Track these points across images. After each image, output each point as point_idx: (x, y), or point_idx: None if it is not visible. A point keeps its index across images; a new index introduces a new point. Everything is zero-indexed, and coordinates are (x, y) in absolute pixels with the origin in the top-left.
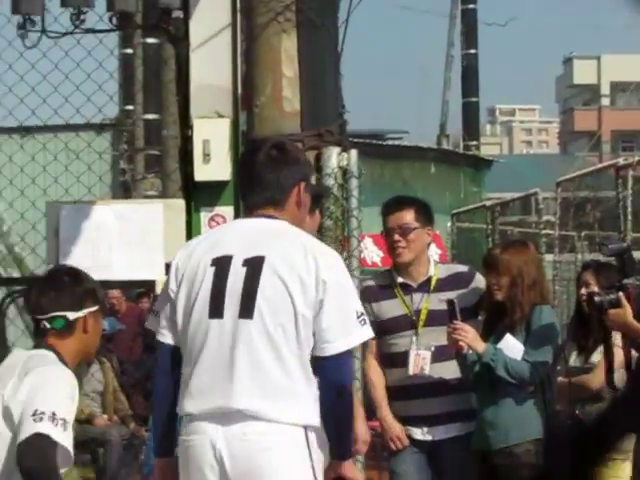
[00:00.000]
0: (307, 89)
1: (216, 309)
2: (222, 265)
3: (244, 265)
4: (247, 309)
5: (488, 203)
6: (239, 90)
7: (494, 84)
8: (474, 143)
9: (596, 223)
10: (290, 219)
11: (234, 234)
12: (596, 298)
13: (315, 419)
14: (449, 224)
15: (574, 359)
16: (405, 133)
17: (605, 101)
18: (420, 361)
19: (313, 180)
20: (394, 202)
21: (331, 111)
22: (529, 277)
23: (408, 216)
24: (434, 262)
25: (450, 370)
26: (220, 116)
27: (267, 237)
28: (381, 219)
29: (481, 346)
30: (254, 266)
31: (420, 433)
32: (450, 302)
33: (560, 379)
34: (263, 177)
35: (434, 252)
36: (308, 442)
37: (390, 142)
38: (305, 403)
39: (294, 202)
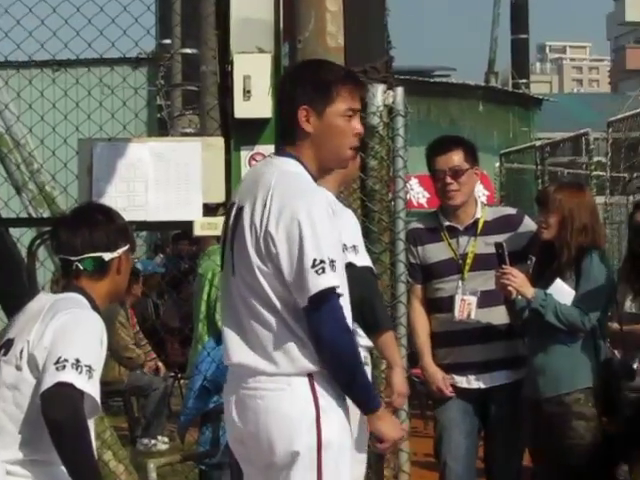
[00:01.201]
0: (352, 24)
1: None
2: (228, 215)
3: (234, 217)
4: (233, 266)
5: (538, 143)
6: (281, 25)
7: (544, 20)
8: (523, 81)
9: None
10: (308, 153)
11: (244, 180)
12: None
13: (311, 364)
14: (497, 164)
15: (629, 305)
16: (452, 70)
17: None
18: (466, 306)
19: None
20: (441, 143)
21: (376, 47)
22: (579, 220)
23: (457, 157)
24: (481, 204)
25: (498, 316)
26: (261, 51)
27: (255, 182)
28: (426, 160)
29: (530, 291)
30: (237, 218)
31: (466, 381)
32: (498, 245)
33: (615, 325)
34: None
35: (481, 193)
36: (314, 389)
37: (437, 79)
38: (293, 351)
39: (301, 130)
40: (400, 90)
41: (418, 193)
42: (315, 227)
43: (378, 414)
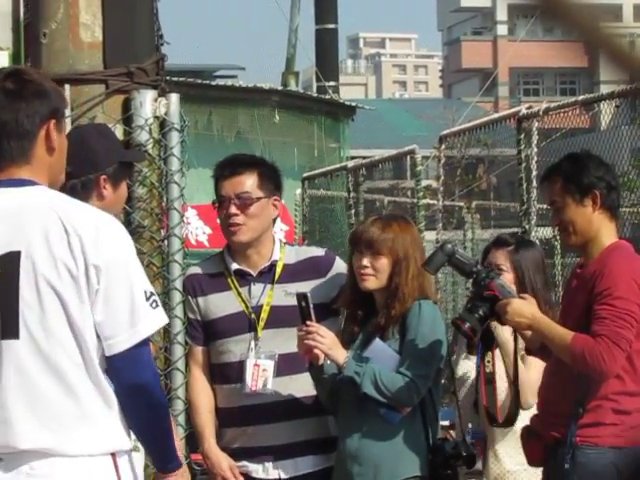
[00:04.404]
0: (112, 12)
1: None
2: None
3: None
4: (10, 326)
5: (350, 164)
6: (21, 14)
7: (357, 6)
8: (331, 84)
9: (491, 191)
10: (43, 174)
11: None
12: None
13: (121, 442)
14: (299, 191)
15: (463, 367)
16: (240, 70)
17: (502, 29)
18: (261, 373)
19: (120, 135)
20: (230, 163)
21: (144, 42)
22: (415, 263)
23: (249, 182)
24: (280, 243)
25: (301, 386)
26: None
27: (18, 219)
28: (211, 186)
29: (342, 355)
30: (9, 267)
31: (262, 470)
32: (302, 296)
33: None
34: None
35: (279, 229)
36: (117, 469)
37: (220, 82)
38: (105, 426)
39: (43, 149)
40: (175, 97)
41: (197, 228)
42: None
43: (179, 470)
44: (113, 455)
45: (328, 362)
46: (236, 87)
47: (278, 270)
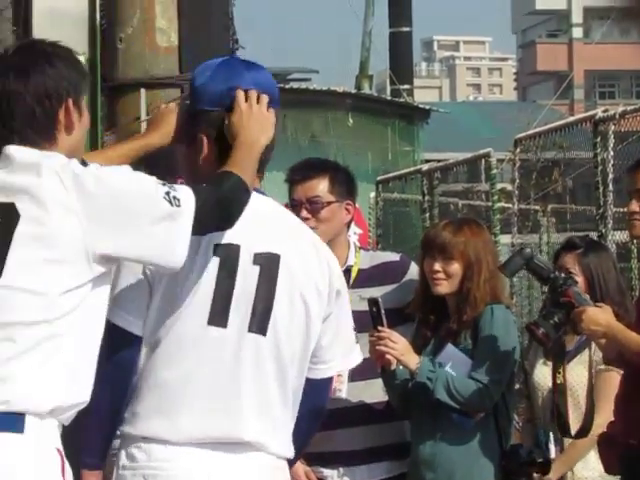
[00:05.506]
0: (188, 17)
1: (218, 314)
2: (229, 257)
3: (256, 263)
4: (260, 322)
5: (424, 167)
6: (97, 18)
7: (431, 9)
8: (405, 87)
9: (567, 194)
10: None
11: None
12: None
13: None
14: (373, 194)
15: (540, 372)
16: (314, 73)
17: (577, 32)
18: (336, 379)
19: None
20: (302, 167)
21: (219, 46)
22: (487, 268)
23: (320, 186)
24: (355, 248)
25: (376, 391)
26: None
27: (272, 224)
28: (285, 189)
29: (414, 360)
30: (269, 267)
31: (336, 475)
32: (373, 302)
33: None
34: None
35: (352, 232)
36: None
37: (294, 85)
38: (290, 433)
39: (63, 129)
40: None
41: None
42: None
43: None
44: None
45: (400, 367)
46: (310, 90)
47: (353, 275)
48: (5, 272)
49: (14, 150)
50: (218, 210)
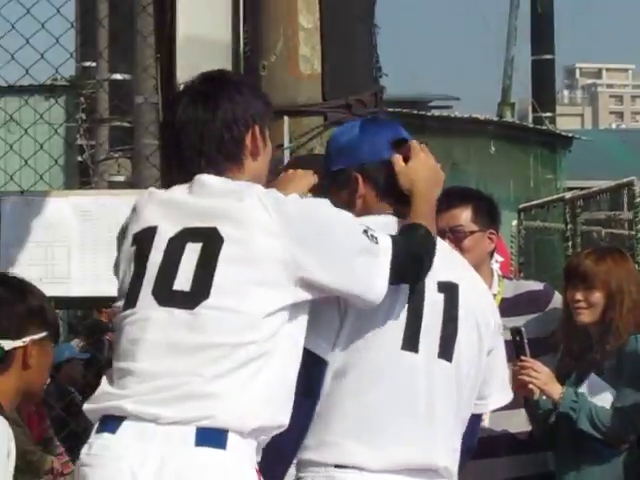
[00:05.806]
0: (331, 45)
1: (410, 340)
2: (420, 284)
3: (440, 291)
4: (446, 348)
5: (567, 195)
6: (241, 46)
7: (574, 36)
8: (548, 115)
9: None
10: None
11: None
12: None
13: None
14: (515, 222)
15: None
16: (455, 100)
17: None
18: None
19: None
20: (445, 196)
21: (363, 74)
22: (630, 298)
23: (463, 215)
24: (499, 277)
25: (517, 422)
26: None
27: (447, 254)
28: None
29: (557, 390)
30: (451, 295)
31: None
32: (516, 331)
33: None
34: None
35: (493, 260)
36: None
37: (436, 112)
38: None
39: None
40: None
41: None
42: None
43: None
44: None
45: (544, 397)
46: (452, 117)
47: (496, 304)
48: (212, 293)
49: (209, 178)
50: (412, 263)
